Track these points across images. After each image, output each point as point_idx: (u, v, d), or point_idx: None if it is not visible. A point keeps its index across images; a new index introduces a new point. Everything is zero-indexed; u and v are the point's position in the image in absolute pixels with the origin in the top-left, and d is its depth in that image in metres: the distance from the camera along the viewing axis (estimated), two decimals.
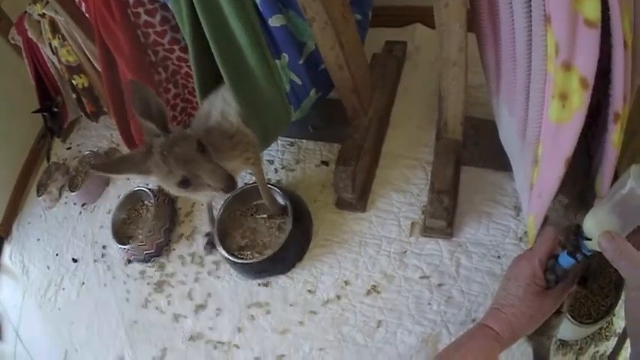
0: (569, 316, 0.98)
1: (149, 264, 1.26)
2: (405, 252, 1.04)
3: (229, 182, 0.76)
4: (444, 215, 0.99)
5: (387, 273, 1.04)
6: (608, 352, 1.07)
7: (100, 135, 1.50)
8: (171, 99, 1.22)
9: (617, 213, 0.50)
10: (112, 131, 1.50)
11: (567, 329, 1.02)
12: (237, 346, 1.11)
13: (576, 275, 0.62)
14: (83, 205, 1.44)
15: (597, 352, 1.07)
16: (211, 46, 0.91)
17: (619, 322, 1.11)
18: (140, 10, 1.08)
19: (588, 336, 1.09)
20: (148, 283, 1.26)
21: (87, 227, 1.41)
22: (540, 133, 0.68)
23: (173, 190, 0.80)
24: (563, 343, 1.06)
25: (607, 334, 1.10)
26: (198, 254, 1.19)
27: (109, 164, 0.84)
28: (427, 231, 1.03)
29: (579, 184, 0.71)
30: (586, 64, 0.54)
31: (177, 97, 1.22)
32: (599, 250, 0.52)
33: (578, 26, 0.55)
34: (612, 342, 1.08)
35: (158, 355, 1.19)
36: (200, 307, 1.17)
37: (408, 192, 1.07)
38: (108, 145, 1.48)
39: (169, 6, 0.98)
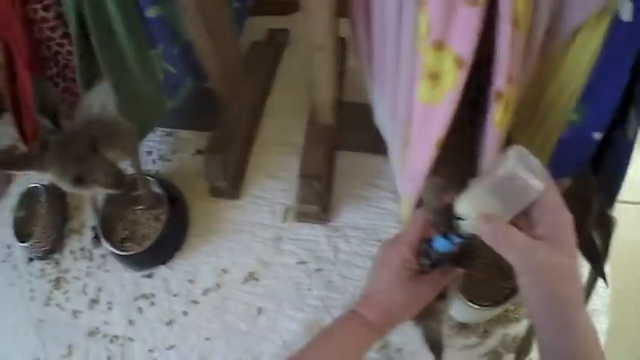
0: (465, 299, 0.96)
1: (47, 261, 1.25)
2: (279, 238, 1.03)
3: (118, 179, 0.79)
4: (316, 200, 0.98)
5: (263, 260, 1.03)
6: (520, 335, 1.06)
7: (3, 133, 1.49)
8: (60, 93, 1.21)
9: (496, 195, 0.47)
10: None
11: (465, 312, 1.01)
12: (131, 339, 1.10)
13: (455, 258, 0.59)
14: None
15: (507, 334, 1.06)
16: (92, 36, 0.91)
17: None
18: (37, 6, 1.08)
19: (493, 318, 1.08)
20: (49, 281, 1.25)
21: None
22: (410, 114, 0.67)
23: (67, 188, 0.81)
24: (464, 326, 1.05)
25: (516, 316, 1.09)
26: (88, 248, 1.19)
27: (6, 161, 0.84)
28: (301, 216, 1.02)
29: (460, 164, 0.70)
30: (462, 43, 0.53)
31: (66, 90, 1.21)
32: (476, 233, 0.49)
33: (456, 4, 0.53)
34: (524, 324, 1.07)
35: (66, 353, 1.18)
36: (94, 302, 1.17)
37: (281, 178, 1.06)
38: (10, 142, 1.47)
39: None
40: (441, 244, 0.56)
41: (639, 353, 1.19)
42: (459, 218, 0.51)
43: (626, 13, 0.61)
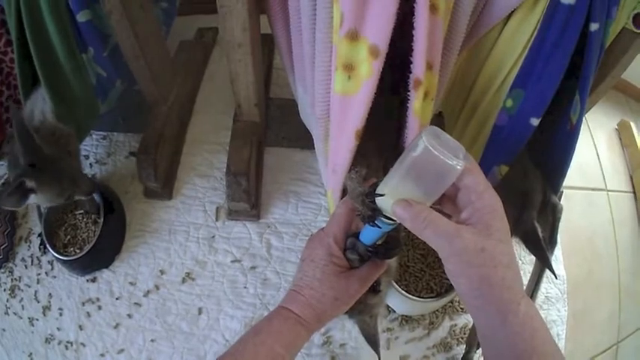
0: (404, 292, 0.96)
1: (1, 270, 1.26)
2: (213, 237, 1.04)
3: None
4: (244, 197, 0.99)
5: (198, 259, 1.04)
6: (469, 325, 1.05)
7: None
8: (4, 101, 1.23)
9: (413, 178, 0.44)
10: None
11: (406, 305, 1.01)
12: (83, 344, 1.12)
13: (380, 250, 0.58)
14: None
15: (455, 325, 1.06)
16: (29, 43, 0.92)
17: None
18: None
19: (438, 310, 1.07)
20: (4, 290, 1.27)
21: None
22: (327, 107, 0.66)
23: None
24: (408, 319, 1.04)
25: (462, 306, 1.08)
26: (36, 255, 1.20)
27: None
28: (232, 214, 1.03)
29: (384, 154, 0.69)
30: (376, 32, 0.52)
31: (9, 98, 1.23)
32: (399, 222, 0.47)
33: None
34: None
35: None
36: (46, 309, 1.18)
37: (211, 177, 1.07)
38: None
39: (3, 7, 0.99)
40: (367, 236, 0.54)
41: (602, 336, 1.17)
42: (380, 208, 0.49)
43: None
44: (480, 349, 1.00)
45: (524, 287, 0.68)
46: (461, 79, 0.89)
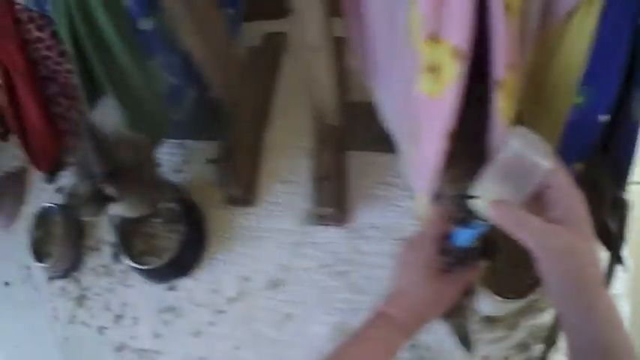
0: (490, 293, 0.96)
1: (67, 279, 1.25)
2: (299, 242, 1.03)
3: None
4: (330, 201, 0.98)
5: (284, 265, 1.03)
6: (547, 324, 1.06)
7: (14, 154, 1.48)
8: (63, 112, 1.20)
9: (505, 179, 0.46)
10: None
11: (490, 306, 1.01)
12: (159, 353, 1.11)
13: (477, 253, 0.59)
14: (4, 227, 1.44)
15: (534, 325, 1.06)
16: (90, 54, 0.90)
17: None
18: (31, 26, 1.08)
19: (519, 310, 1.08)
20: (70, 299, 1.26)
21: (11, 249, 1.41)
22: (414, 110, 0.66)
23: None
24: (491, 320, 1.05)
25: (542, 306, 1.08)
26: (108, 265, 1.19)
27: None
28: (318, 219, 1.02)
29: (471, 156, 0.69)
30: (457, 33, 0.52)
31: (68, 109, 1.21)
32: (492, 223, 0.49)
33: None
34: (550, 313, 1.06)
35: None
36: (119, 317, 1.17)
37: (294, 182, 1.06)
38: (21, 164, 1.46)
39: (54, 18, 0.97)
40: (461, 239, 0.55)
41: None
42: (473, 210, 0.51)
43: None
44: (556, 347, 1.03)
45: None
46: (533, 78, 0.89)
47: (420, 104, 0.61)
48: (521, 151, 0.44)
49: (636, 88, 0.68)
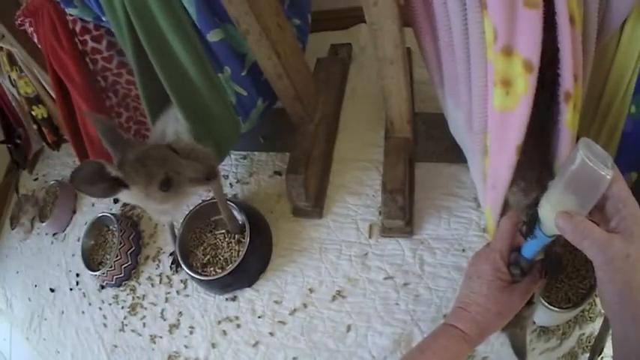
0: (547, 303, 0.97)
1: (121, 288, 1.26)
2: (366, 254, 1.03)
3: (210, 170, 0.81)
4: (400, 214, 0.98)
5: (350, 277, 1.03)
6: (595, 334, 1.06)
7: (64, 163, 1.49)
8: (124, 122, 1.21)
9: (572, 190, 0.47)
10: (74, 158, 1.50)
11: (546, 316, 1.01)
12: None
13: (544, 265, 0.60)
14: (54, 234, 1.44)
15: (583, 334, 1.06)
16: (154, 66, 0.90)
17: None
18: (87, 37, 1.09)
19: (571, 320, 1.08)
20: (122, 307, 1.26)
21: (60, 256, 1.42)
22: (486, 123, 0.67)
23: (154, 200, 0.80)
24: (544, 330, 1.05)
25: (591, 315, 1.09)
26: (166, 274, 1.19)
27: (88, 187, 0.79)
28: (386, 231, 1.03)
29: (538, 167, 0.69)
30: (528, 46, 0.53)
31: (129, 120, 1.22)
32: (559, 234, 0.50)
33: (516, 8, 0.53)
34: (598, 323, 1.07)
35: None
36: (174, 327, 1.17)
37: (363, 194, 1.06)
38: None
39: (113, 30, 0.97)
40: (528, 251, 0.56)
41: None
42: (540, 222, 0.52)
43: None
44: (601, 356, 1.03)
45: None
46: (590, 89, 0.90)
47: (492, 117, 0.62)
48: (587, 163, 0.45)
49: None
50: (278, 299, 1.07)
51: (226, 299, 1.11)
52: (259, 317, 1.08)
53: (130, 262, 1.22)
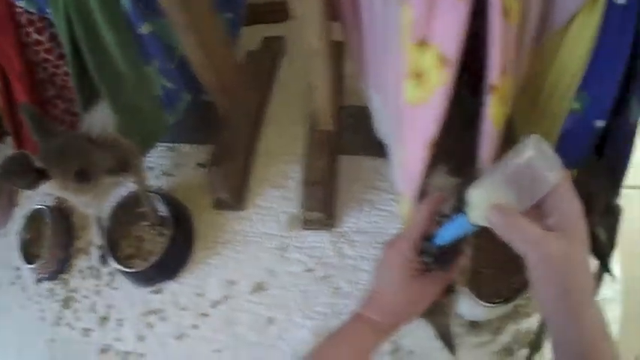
0: (475, 297, 0.96)
1: (56, 281, 1.25)
2: (286, 247, 1.03)
3: (124, 161, 0.84)
4: (320, 207, 0.99)
5: (270, 269, 1.03)
6: (533, 329, 1.06)
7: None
8: (60, 114, 1.21)
9: (511, 185, 0.45)
10: None
11: (475, 310, 1.00)
12: (142, 355, 1.10)
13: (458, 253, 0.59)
14: None
15: (519, 330, 1.06)
16: (87, 56, 0.91)
17: None
18: (30, 29, 1.09)
19: (504, 315, 1.08)
20: (57, 301, 1.25)
21: (2, 251, 1.41)
22: (400, 115, 0.66)
23: (73, 192, 0.81)
24: (475, 324, 1.04)
25: (527, 311, 1.08)
26: (96, 267, 1.19)
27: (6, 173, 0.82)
28: (306, 224, 1.02)
29: (460, 158, 0.69)
30: (447, 38, 0.52)
31: (65, 112, 1.22)
32: (484, 225, 0.48)
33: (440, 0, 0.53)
34: (535, 318, 1.06)
35: None
36: (104, 320, 1.17)
37: (285, 187, 1.07)
38: None
39: (54, 21, 0.98)
40: (444, 236, 0.55)
41: None
42: (468, 208, 0.49)
43: None
44: (541, 353, 1.02)
45: None
46: (530, 83, 0.90)
47: (404, 110, 0.61)
48: (533, 161, 0.43)
49: (635, 92, 0.69)
50: (200, 292, 1.06)
51: (151, 292, 1.11)
52: (183, 310, 1.07)
53: (63, 255, 1.22)
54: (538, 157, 0.43)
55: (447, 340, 0.78)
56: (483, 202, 0.47)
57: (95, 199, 0.95)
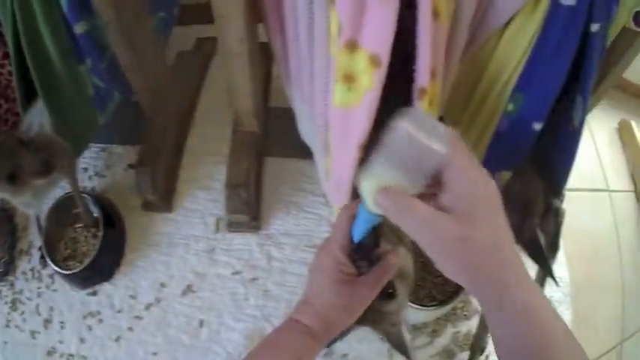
0: (410, 300, 0.95)
1: (2, 283, 1.26)
2: (213, 249, 1.03)
3: (44, 167, 0.82)
4: (244, 209, 0.98)
5: (198, 272, 1.03)
6: (473, 331, 1.05)
7: None
8: (3, 114, 1.22)
9: (396, 165, 0.40)
10: None
11: (410, 313, 0.99)
12: (85, 358, 1.11)
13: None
14: None
15: (458, 332, 1.05)
16: (27, 55, 0.92)
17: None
18: None
19: (441, 317, 1.07)
20: (6, 303, 1.26)
21: None
22: (328, 119, 0.65)
23: (7, 193, 0.83)
24: (412, 326, 1.03)
25: (465, 313, 1.07)
26: (37, 269, 1.19)
27: None
28: (232, 226, 1.02)
29: None
30: (376, 41, 0.51)
31: (8, 111, 1.23)
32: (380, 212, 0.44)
33: (366, 1, 0.51)
34: (475, 321, 1.05)
35: None
36: (47, 322, 1.17)
37: (212, 189, 1.06)
38: None
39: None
40: (356, 232, 0.52)
41: (606, 336, 1.16)
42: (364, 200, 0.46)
43: None
44: (483, 354, 1.00)
45: None
46: (462, 84, 0.88)
47: (333, 114, 0.60)
48: (411, 133, 0.38)
49: (577, 94, 0.68)
50: (133, 294, 1.07)
51: (88, 294, 1.11)
52: (118, 312, 1.08)
53: (6, 257, 1.23)
54: (416, 129, 0.39)
55: (403, 349, 0.76)
56: (373, 189, 0.43)
57: (33, 199, 0.96)
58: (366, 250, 0.54)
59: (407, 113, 0.39)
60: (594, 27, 0.60)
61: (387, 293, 0.63)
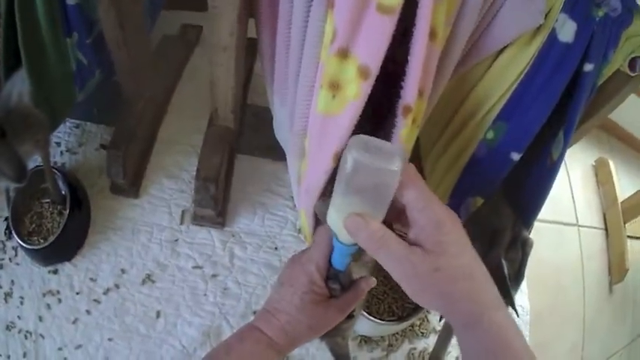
0: (366, 313, 0.94)
1: None
2: (176, 240, 1.02)
3: (20, 172, 0.79)
4: (211, 204, 0.96)
5: (160, 262, 1.02)
6: (429, 350, 1.04)
7: None
8: None
9: (356, 194, 0.41)
10: None
11: (367, 326, 1.00)
12: (42, 336, 1.10)
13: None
14: None
15: (414, 348, 1.04)
16: (17, 19, 0.90)
17: (437, 319, 1.06)
18: None
19: (398, 333, 1.06)
20: None
21: None
22: (306, 125, 0.64)
23: None
24: (367, 339, 1.03)
25: (422, 331, 1.07)
26: (1, 239, 1.18)
27: None
28: (197, 219, 1.01)
29: None
30: (369, 52, 0.50)
31: None
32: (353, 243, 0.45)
33: (367, 11, 0.50)
34: (432, 339, 1.04)
35: None
36: (8, 295, 1.16)
37: (180, 179, 1.05)
38: None
39: None
40: (335, 261, 0.51)
41: None
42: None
43: (567, 34, 0.59)
44: None
45: None
46: (443, 107, 0.87)
47: (314, 120, 0.58)
48: (359, 160, 0.39)
49: (560, 129, 0.68)
50: (93, 277, 1.06)
51: (49, 271, 1.10)
52: (77, 293, 1.06)
53: None
54: (364, 156, 0.39)
55: (343, 359, 0.77)
56: (339, 217, 0.43)
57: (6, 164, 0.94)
58: (341, 275, 0.53)
59: (352, 141, 0.40)
60: (588, 67, 0.60)
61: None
